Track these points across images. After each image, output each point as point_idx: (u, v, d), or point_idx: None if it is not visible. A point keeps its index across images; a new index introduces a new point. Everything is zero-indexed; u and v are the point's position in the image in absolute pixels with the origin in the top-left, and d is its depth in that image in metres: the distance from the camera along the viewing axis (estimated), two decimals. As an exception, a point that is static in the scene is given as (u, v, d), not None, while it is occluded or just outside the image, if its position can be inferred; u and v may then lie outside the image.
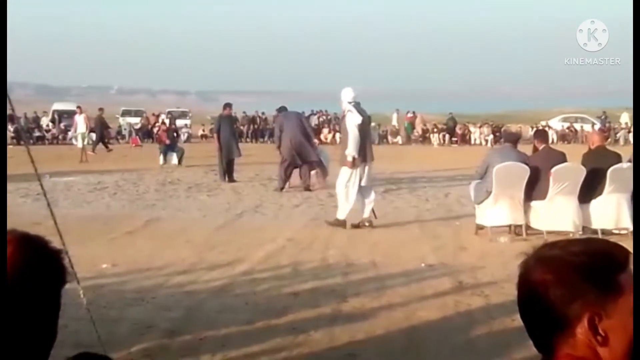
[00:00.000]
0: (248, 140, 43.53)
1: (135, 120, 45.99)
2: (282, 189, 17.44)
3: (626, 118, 43.69)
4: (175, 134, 29.02)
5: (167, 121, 37.27)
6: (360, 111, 12.00)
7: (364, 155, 11.97)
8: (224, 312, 7.13)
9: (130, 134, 42.51)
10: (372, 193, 12.28)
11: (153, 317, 6.95)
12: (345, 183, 11.98)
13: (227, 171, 19.51)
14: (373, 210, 12.15)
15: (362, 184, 12.00)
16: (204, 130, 47.56)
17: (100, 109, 35.93)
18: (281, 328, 6.62)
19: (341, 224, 11.94)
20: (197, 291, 7.95)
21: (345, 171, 12.01)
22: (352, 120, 11.86)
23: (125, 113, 50.31)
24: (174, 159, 25.12)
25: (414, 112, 47.07)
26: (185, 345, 6.18)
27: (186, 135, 43.23)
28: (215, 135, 21.03)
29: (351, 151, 11.83)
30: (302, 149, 17.63)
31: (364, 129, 12.12)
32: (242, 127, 45.63)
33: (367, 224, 12.03)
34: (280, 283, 8.34)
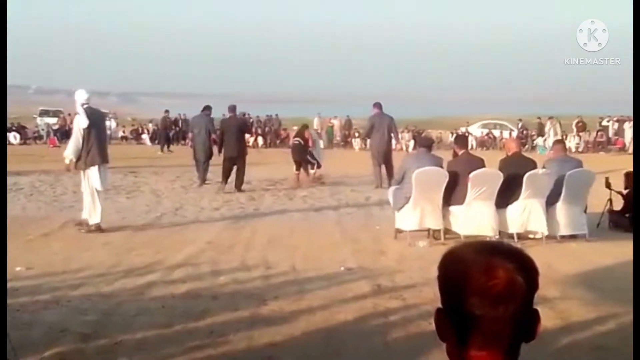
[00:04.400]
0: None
1: (53, 121, 45.20)
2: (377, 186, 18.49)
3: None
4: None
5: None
6: (93, 113, 11.88)
7: (92, 157, 11.65)
8: (141, 315, 7.05)
9: (48, 135, 41.79)
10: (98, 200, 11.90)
11: (68, 320, 6.82)
12: (82, 186, 11.86)
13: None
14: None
15: (99, 188, 11.76)
16: (124, 132, 47.02)
17: (166, 111, 39.44)
18: (199, 331, 6.57)
19: (97, 228, 11.70)
20: (113, 294, 7.85)
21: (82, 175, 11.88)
22: (78, 123, 11.71)
23: (43, 113, 49.41)
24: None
25: (336, 117, 47.41)
26: (100, 349, 6.08)
27: (106, 136, 42.62)
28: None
29: (69, 154, 11.76)
30: (388, 149, 19.23)
31: (96, 131, 11.78)
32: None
33: (93, 228, 11.71)
34: (198, 286, 8.27)
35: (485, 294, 1.55)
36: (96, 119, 11.94)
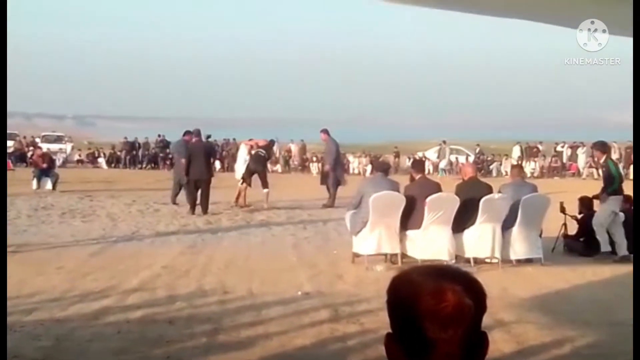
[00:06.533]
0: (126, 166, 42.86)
1: (9, 144, 44.64)
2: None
3: (518, 152, 43.32)
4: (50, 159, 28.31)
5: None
6: None
7: None
8: (96, 341, 6.95)
9: (2, 158, 41.26)
10: None
11: (21, 346, 6.69)
12: None
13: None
14: None
15: None
16: (80, 155, 46.61)
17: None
18: (155, 357, 6.50)
19: None
20: (68, 319, 7.72)
21: None
22: None
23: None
24: (48, 184, 24.45)
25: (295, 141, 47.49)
26: (53, 376, 5.98)
27: (61, 159, 42.18)
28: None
29: None
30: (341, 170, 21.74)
31: None
32: (119, 153, 45.08)
33: None
34: (154, 311, 8.18)
35: (434, 317, 1.55)
36: None
